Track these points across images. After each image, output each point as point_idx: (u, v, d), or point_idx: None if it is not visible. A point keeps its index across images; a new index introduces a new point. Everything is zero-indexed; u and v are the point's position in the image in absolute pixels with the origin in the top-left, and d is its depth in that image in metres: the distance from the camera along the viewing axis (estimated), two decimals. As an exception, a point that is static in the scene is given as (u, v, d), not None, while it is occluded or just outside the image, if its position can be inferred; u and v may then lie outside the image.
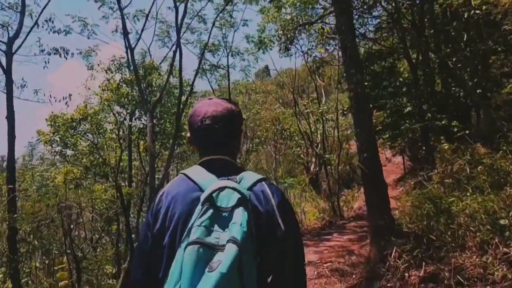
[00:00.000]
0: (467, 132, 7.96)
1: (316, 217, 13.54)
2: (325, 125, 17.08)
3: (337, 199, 15.38)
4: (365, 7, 11.29)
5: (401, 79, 13.53)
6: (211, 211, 1.32)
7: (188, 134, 1.68)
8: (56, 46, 11.20)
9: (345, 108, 12.75)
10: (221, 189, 1.37)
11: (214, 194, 1.36)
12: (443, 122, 10.00)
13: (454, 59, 10.78)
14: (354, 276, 6.02)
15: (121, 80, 11.85)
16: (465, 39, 10.75)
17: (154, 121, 11.79)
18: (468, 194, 5.69)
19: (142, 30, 13.57)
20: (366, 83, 11.07)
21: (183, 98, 11.36)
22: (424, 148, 13.71)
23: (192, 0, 13.50)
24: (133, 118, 12.77)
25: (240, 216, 1.31)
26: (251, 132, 22.65)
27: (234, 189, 1.38)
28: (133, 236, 10.85)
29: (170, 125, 12.18)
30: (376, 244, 5.87)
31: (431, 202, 6.47)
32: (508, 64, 10.65)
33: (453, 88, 11.87)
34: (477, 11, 8.19)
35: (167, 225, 1.45)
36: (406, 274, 4.94)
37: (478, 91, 10.31)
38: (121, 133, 12.82)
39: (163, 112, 12.21)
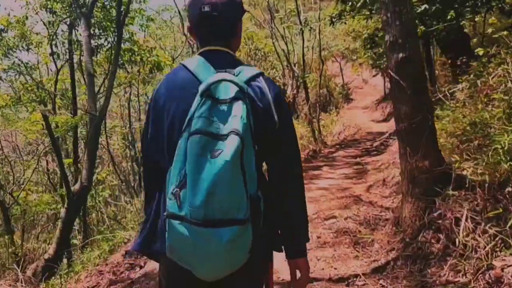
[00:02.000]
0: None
1: (297, 145, 11.29)
2: (304, 41, 14.52)
3: (317, 124, 13.27)
4: None
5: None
6: (209, 102, 1.29)
7: (188, 23, 1.57)
8: None
9: (333, 15, 10.00)
10: (219, 81, 1.32)
11: (212, 87, 1.30)
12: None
13: None
14: (377, 246, 3.74)
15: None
16: None
17: (94, 32, 8.83)
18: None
19: None
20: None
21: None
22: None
23: None
24: (74, 29, 9.68)
25: (240, 109, 1.28)
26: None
27: (232, 82, 1.32)
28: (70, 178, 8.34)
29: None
30: (417, 200, 3.55)
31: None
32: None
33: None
34: None
35: (165, 116, 1.41)
36: (492, 262, 2.67)
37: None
38: (57, 49, 9.79)
39: (107, 19, 9.14)
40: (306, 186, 1.57)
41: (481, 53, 5.67)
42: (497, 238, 2.80)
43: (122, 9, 7.90)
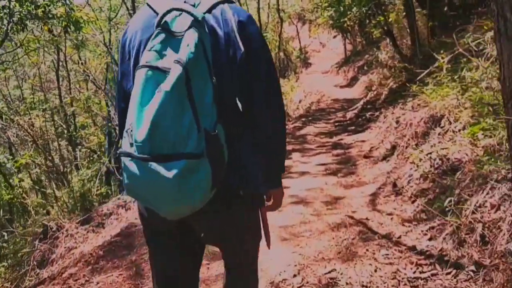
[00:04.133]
0: None
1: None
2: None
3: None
4: None
5: None
6: (162, 35, 1.16)
7: None
8: None
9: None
10: (174, 10, 1.18)
11: (169, 20, 1.18)
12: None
13: None
14: None
15: None
16: None
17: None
18: None
19: None
20: None
21: None
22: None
23: None
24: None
25: (189, 38, 1.13)
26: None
27: (184, 11, 1.18)
28: None
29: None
30: None
31: None
32: None
33: None
34: None
35: (130, 54, 1.31)
36: None
37: None
38: None
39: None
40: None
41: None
42: None
43: None
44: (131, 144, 1.11)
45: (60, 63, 13.57)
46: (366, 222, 3.07)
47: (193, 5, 1.23)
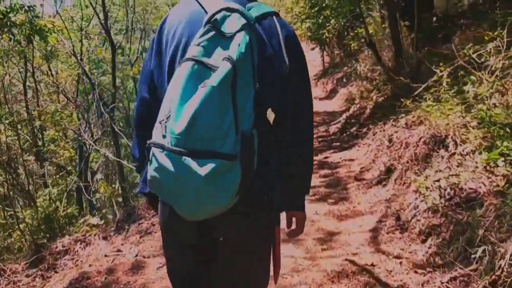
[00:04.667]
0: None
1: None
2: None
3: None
4: None
5: None
6: (212, 33, 1.13)
7: None
8: None
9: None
10: (227, 10, 1.15)
11: (219, 18, 1.14)
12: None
13: None
14: None
15: None
16: None
17: None
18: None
19: None
20: None
21: None
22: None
23: None
24: None
25: (240, 38, 1.10)
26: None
27: (239, 12, 1.15)
28: None
29: None
30: None
31: None
32: None
33: None
34: None
35: (168, 45, 1.25)
36: None
37: None
38: None
39: None
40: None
41: None
42: None
43: None
44: (164, 136, 1.07)
45: (29, 74, 12.70)
46: (371, 269, 2.51)
47: (246, 8, 1.20)
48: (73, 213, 9.33)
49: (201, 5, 1.22)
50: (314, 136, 5.83)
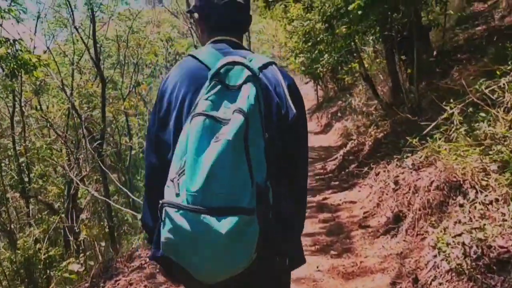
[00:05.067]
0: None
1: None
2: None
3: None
4: None
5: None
6: (219, 87, 1.13)
7: (196, 14, 1.38)
8: None
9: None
10: (231, 64, 1.15)
11: (222, 71, 1.14)
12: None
13: None
14: None
15: None
16: None
17: None
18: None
19: None
20: None
21: None
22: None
23: None
24: None
25: (248, 90, 1.11)
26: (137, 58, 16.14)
27: (243, 65, 1.15)
28: None
29: None
30: None
31: None
32: None
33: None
34: None
35: (173, 105, 1.23)
36: None
37: None
38: None
39: None
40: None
41: None
42: None
43: None
44: (177, 194, 1.03)
45: (18, 108, 12.30)
46: None
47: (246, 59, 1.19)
48: (55, 256, 8.71)
49: (200, 61, 1.23)
50: (310, 173, 5.38)
